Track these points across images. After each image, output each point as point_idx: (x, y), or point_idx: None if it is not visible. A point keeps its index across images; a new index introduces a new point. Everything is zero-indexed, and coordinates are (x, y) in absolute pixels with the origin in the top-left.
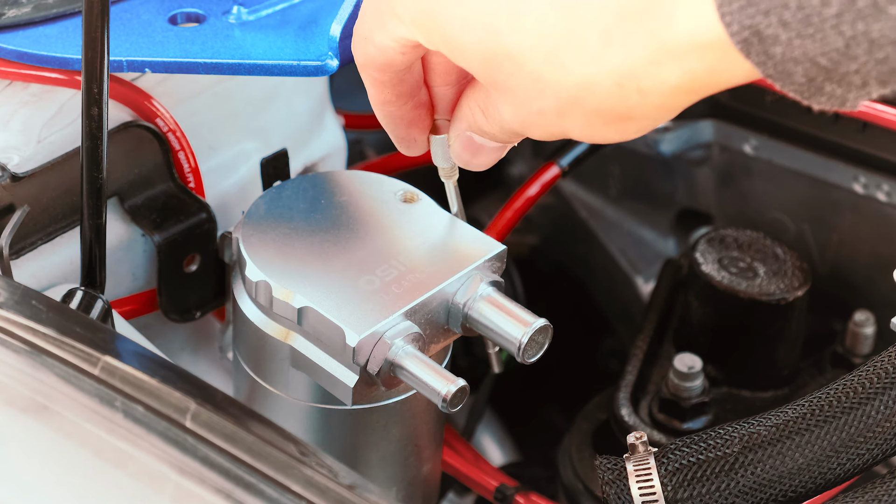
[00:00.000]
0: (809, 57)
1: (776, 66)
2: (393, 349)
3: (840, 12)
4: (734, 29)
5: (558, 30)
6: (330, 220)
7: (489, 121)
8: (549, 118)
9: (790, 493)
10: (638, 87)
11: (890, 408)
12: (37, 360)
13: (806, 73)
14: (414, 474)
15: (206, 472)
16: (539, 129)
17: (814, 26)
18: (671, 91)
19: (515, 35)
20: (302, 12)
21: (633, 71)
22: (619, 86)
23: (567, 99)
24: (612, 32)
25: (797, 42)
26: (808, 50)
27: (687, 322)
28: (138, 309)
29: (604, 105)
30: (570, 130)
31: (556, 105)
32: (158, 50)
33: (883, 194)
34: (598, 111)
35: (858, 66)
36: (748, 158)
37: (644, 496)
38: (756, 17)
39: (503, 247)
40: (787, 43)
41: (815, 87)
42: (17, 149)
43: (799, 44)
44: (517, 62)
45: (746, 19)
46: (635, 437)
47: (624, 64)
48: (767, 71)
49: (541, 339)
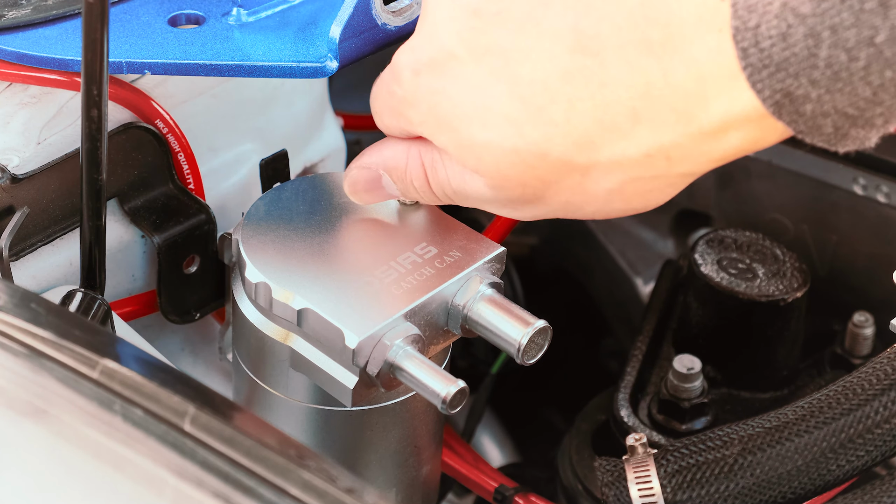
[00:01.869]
0: (838, 109)
1: (807, 122)
2: (392, 351)
3: (868, 64)
4: (766, 94)
5: (587, 116)
6: (330, 221)
7: (430, 180)
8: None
9: (790, 495)
10: (667, 157)
11: (889, 409)
12: (35, 364)
13: (834, 124)
14: (413, 475)
15: (205, 476)
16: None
17: (843, 81)
18: (707, 164)
19: (542, 127)
20: (301, 14)
21: (663, 147)
22: (648, 156)
23: (586, 173)
24: (642, 114)
25: (826, 98)
26: (837, 103)
27: (686, 323)
28: (138, 310)
29: (633, 174)
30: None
31: (571, 183)
32: (158, 51)
33: (882, 195)
34: (626, 183)
35: (883, 109)
36: (747, 159)
37: (643, 498)
38: (786, 81)
39: (502, 248)
40: (816, 100)
41: (842, 135)
42: (17, 150)
43: (829, 99)
44: (543, 151)
45: (777, 83)
46: (634, 439)
47: (655, 141)
48: (798, 128)
49: (540, 341)
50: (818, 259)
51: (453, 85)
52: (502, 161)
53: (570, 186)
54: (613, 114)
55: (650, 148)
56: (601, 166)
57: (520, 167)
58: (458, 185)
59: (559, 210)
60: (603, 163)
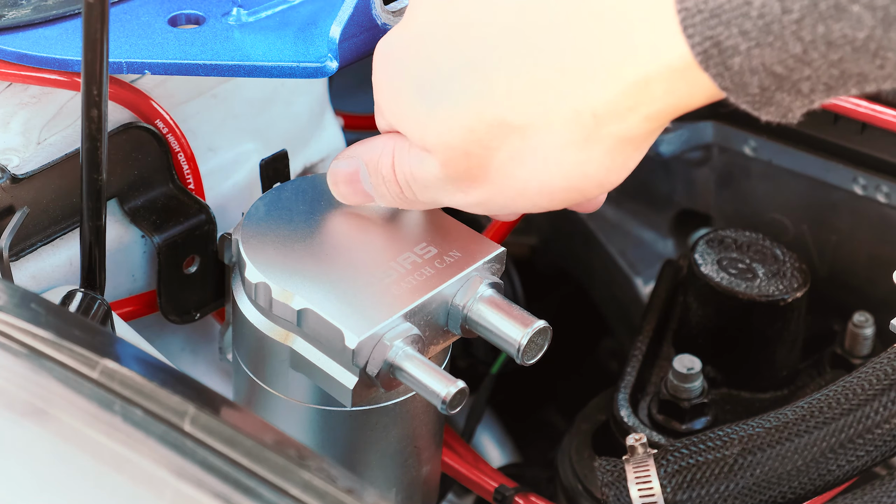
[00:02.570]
0: (766, 66)
1: (732, 77)
2: (392, 351)
3: (801, 17)
4: (695, 41)
5: (518, 72)
6: (330, 221)
7: (396, 169)
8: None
9: (789, 495)
10: (594, 112)
11: (889, 409)
12: (35, 364)
13: (760, 84)
14: (413, 476)
15: (205, 476)
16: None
17: (773, 34)
18: (636, 123)
19: (477, 88)
20: (301, 14)
21: (588, 101)
22: (576, 112)
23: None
24: (569, 65)
25: (756, 52)
26: (766, 59)
27: (686, 323)
28: (138, 310)
29: (566, 136)
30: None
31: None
32: (158, 52)
33: (882, 195)
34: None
35: (811, 71)
36: (747, 159)
37: (643, 498)
38: (717, 28)
39: (502, 248)
40: (745, 53)
41: (766, 98)
42: (17, 150)
43: (757, 53)
44: (479, 111)
45: (708, 31)
46: (634, 439)
47: (581, 96)
48: (724, 83)
49: (540, 341)
50: (818, 259)
51: (410, 63)
52: (445, 130)
53: (510, 155)
54: (543, 68)
55: (577, 103)
56: (535, 127)
57: (460, 132)
58: (418, 170)
59: (505, 190)
60: (536, 123)
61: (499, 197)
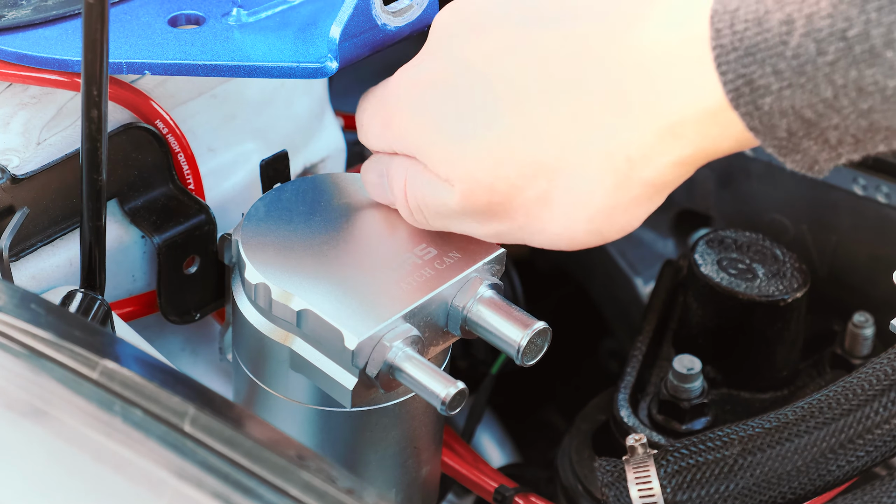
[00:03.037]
0: (796, 109)
1: (762, 118)
2: (392, 352)
3: (835, 60)
4: (728, 78)
5: (555, 112)
6: (330, 222)
7: (408, 194)
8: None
9: (789, 495)
10: (627, 156)
11: (889, 409)
12: (35, 364)
13: (788, 128)
14: (413, 476)
15: (205, 477)
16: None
17: (806, 75)
18: (666, 169)
19: (512, 125)
20: (301, 14)
21: (622, 144)
22: (608, 156)
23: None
24: (609, 106)
25: (787, 93)
26: (797, 101)
27: (686, 323)
28: (138, 310)
29: (597, 182)
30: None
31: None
32: (158, 52)
33: (882, 196)
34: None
35: (840, 119)
36: (747, 160)
37: (643, 498)
38: (751, 67)
39: (502, 249)
40: (776, 93)
41: (794, 144)
42: (17, 151)
43: (788, 94)
44: (511, 148)
45: (742, 68)
46: (634, 440)
47: (617, 138)
48: (753, 123)
49: (540, 342)
50: (818, 259)
51: (441, 92)
52: (473, 163)
53: (536, 195)
54: (580, 105)
55: (610, 145)
56: (567, 169)
57: (488, 166)
58: (431, 199)
59: (525, 228)
60: (570, 165)
61: (517, 233)
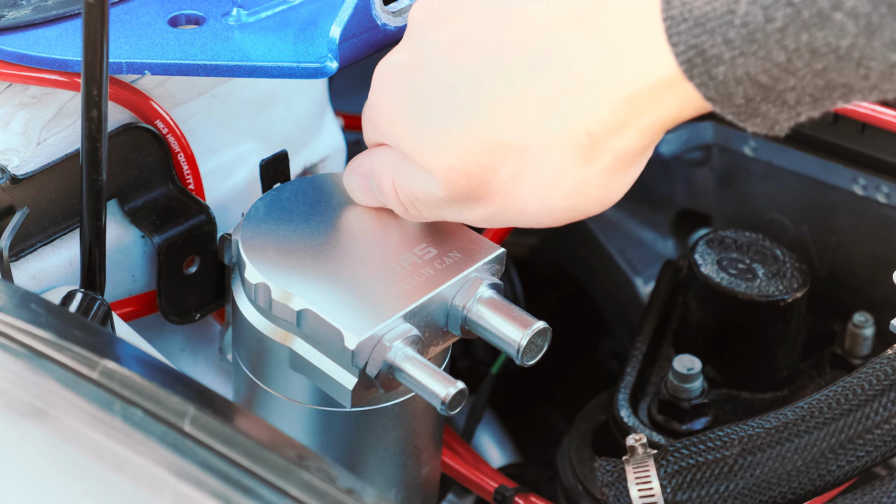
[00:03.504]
0: (750, 76)
1: (717, 87)
2: (392, 352)
3: (784, 25)
4: (680, 49)
5: (513, 94)
6: (330, 222)
7: (397, 187)
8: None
9: (789, 495)
10: (588, 132)
11: (889, 409)
12: (35, 364)
13: (745, 94)
14: (413, 476)
15: (205, 477)
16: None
17: (757, 42)
18: (631, 138)
19: (475, 111)
20: (301, 14)
21: (582, 121)
22: (570, 133)
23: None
24: (563, 84)
25: (740, 60)
26: (750, 68)
27: (686, 323)
28: (138, 310)
29: (563, 158)
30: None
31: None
32: (158, 52)
33: (882, 196)
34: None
35: (796, 81)
36: (747, 160)
37: (643, 498)
38: (702, 37)
39: (502, 249)
40: (729, 62)
41: (752, 109)
42: (17, 151)
43: (741, 62)
44: (477, 133)
45: (692, 39)
46: (634, 440)
47: (576, 115)
48: (709, 93)
49: (540, 342)
50: (818, 259)
51: (409, 85)
52: (444, 151)
53: (510, 175)
54: (537, 87)
55: (570, 123)
56: (532, 148)
57: (460, 153)
58: (419, 190)
59: (507, 208)
60: (533, 144)
61: (501, 214)
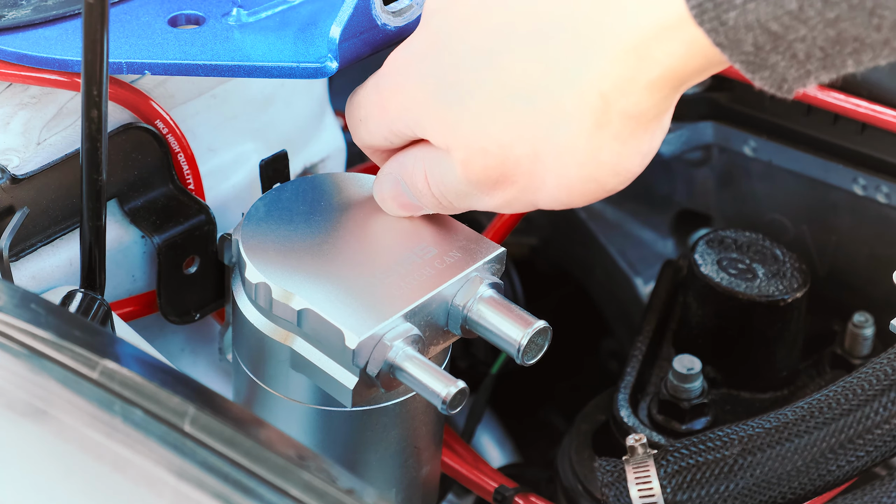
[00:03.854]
0: (761, 22)
1: (727, 33)
2: (392, 351)
3: None
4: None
5: (521, 55)
6: (330, 222)
7: (429, 178)
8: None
9: (789, 495)
10: (599, 91)
11: (889, 409)
12: (35, 364)
13: (755, 42)
14: (413, 476)
15: (205, 477)
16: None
17: None
18: (641, 94)
19: (490, 75)
20: (301, 14)
21: (591, 81)
22: (580, 94)
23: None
24: (571, 39)
25: (751, 6)
26: (761, 14)
27: (686, 323)
28: (138, 310)
29: (578, 123)
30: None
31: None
32: (158, 52)
33: (882, 196)
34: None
35: (807, 30)
36: (747, 160)
37: (643, 498)
38: None
39: (502, 249)
40: (741, 7)
41: (761, 59)
42: (17, 151)
43: (753, 7)
44: (483, 101)
45: None
46: (634, 440)
47: (585, 74)
48: (718, 39)
49: (540, 341)
50: (818, 259)
51: (426, 66)
52: (463, 130)
53: (525, 153)
54: (549, 49)
55: (581, 83)
56: (546, 121)
57: (476, 130)
58: (448, 178)
59: (526, 188)
60: (546, 112)
61: (522, 197)
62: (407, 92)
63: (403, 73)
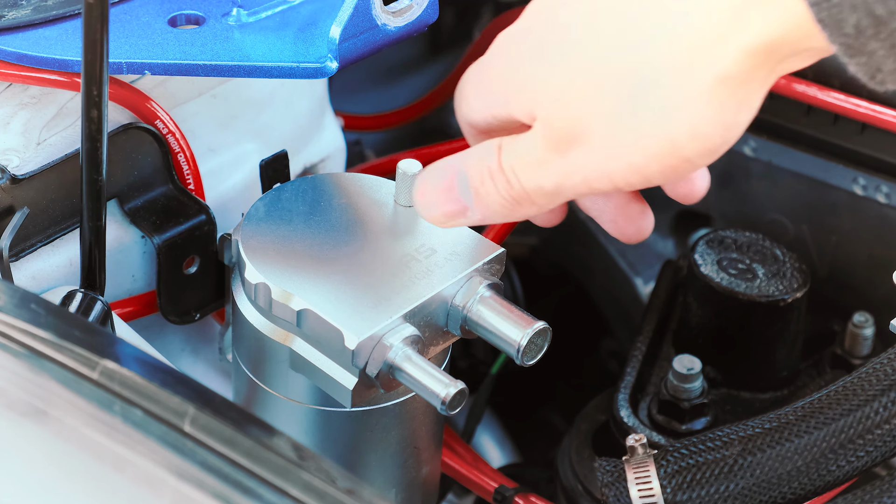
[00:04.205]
0: (867, 4)
1: (830, 9)
2: (392, 352)
3: None
4: None
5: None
6: (329, 222)
7: (503, 160)
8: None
9: (790, 495)
10: (687, 46)
11: (889, 409)
12: (35, 364)
13: (857, 24)
14: (413, 476)
15: (205, 477)
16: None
17: None
18: (732, 54)
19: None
20: (301, 14)
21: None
22: (669, 51)
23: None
24: None
25: None
26: None
27: (686, 323)
28: (138, 310)
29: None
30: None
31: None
32: (158, 52)
33: (882, 196)
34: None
35: None
36: (747, 159)
37: (643, 498)
38: None
39: (502, 249)
40: None
41: (860, 44)
42: (17, 151)
43: None
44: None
45: None
46: (634, 440)
47: (675, 34)
48: (820, 14)
49: (540, 342)
50: (818, 259)
51: (527, 37)
52: (548, 87)
53: (603, 110)
54: (649, 13)
55: (669, 38)
56: (631, 73)
57: (562, 83)
58: (523, 151)
59: (598, 152)
60: (633, 69)
61: (597, 158)
62: (504, 70)
63: (504, 54)
